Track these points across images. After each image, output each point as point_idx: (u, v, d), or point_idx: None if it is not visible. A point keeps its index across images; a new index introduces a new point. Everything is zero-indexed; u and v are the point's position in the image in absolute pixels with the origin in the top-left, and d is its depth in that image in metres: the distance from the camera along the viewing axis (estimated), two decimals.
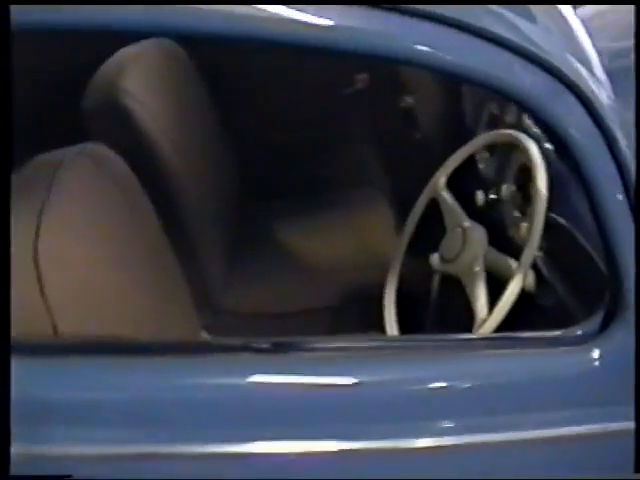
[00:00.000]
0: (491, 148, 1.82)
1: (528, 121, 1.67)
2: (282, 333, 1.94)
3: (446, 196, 1.72)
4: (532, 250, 1.36)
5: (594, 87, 1.04)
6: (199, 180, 1.95)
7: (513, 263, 1.51)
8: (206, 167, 2.06)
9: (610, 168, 1.04)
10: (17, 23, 0.84)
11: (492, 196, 1.77)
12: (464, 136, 2.26)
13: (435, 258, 1.77)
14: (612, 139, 1.03)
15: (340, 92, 2.30)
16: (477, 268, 1.50)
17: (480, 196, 1.77)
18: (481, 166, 1.88)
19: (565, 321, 1.33)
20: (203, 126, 2.11)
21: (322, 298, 2.06)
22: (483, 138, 1.69)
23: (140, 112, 1.76)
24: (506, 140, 1.61)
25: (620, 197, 1.06)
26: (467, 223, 1.59)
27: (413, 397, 1.10)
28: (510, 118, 1.74)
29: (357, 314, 2.04)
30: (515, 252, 1.55)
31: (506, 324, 1.39)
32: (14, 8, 0.84)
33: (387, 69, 2.30)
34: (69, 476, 0.84)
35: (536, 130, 1.64)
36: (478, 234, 1.55)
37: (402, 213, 2.27)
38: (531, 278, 1.50)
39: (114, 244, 1.30)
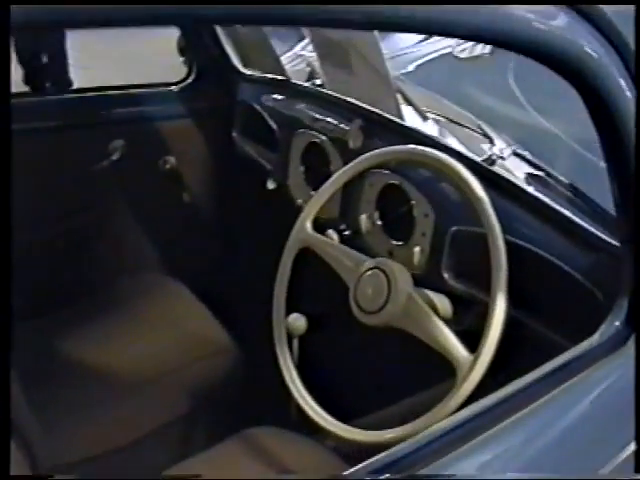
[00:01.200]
0: None
1: (379, 142, 1.51)
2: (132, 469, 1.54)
3: (326, 241, 1.47)
4: (504, 271, 1.17)
5: None
6: None
7: (438, 297, 1.33)
8: None
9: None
10: None
11: (347, 232, 1.57)
12: (244, 183, 2.05)
13: (295, 319, 1.52)
14: None
15: (94, 167, 1.90)
16: (420, 309, 1.27)
17: (333, 235, 1.56)
18: None
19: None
20: None
21: (162, 412, 1.66)
22: (360, 163, 1.46)
23: None
24: (406, 158, 1.40)
25: None
26: (380, 263, 1.35)
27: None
28: (355, 143, 1.55)
29: (217, 414, 1.68)
30: (427, 284, 1.37)
31: None
32: None
33: (143, 130, 1.97)
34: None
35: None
36: (402, 271, 1.32)
37: (198, 289, 1.97)
38: (447, 304, 1.35)
39: None
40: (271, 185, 1.94)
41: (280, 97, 1.87)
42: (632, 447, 1.00)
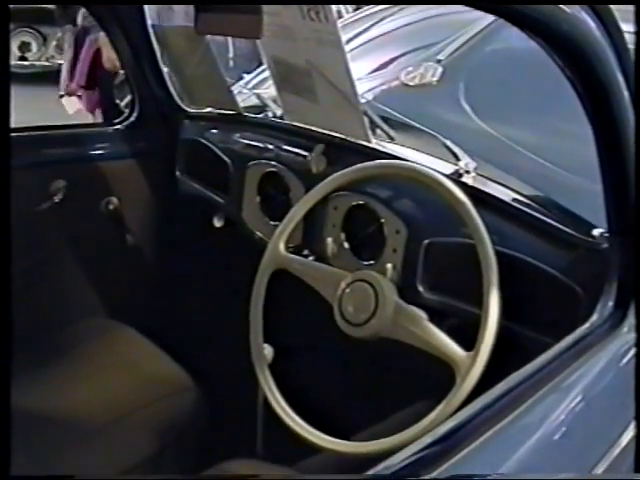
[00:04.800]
0: None
1: (344, 165, 1.53)
2: None
3: (302, 260, 1.48)
4: (494, 266, 1.21)
5: None
6: None
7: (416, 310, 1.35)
8: None
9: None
10: None
11: (311, 258, 1.58)
12: (189, 222, 2.04)
13: (269, 350, 1.51)
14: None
15: (36, 209, 1.85)
16: (409, 315, 1.29)
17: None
18: None
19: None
20: None
21: (130, 453, 1.59)
22: (331, 182, 1.48)
23: None
24: (381, 173, 1.43)
25: None
26: (363, 275, 1.37)
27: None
28: (319, 167, 1.57)
29: (185, 452, 1.63)
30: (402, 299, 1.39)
31: None
32: None
33: (85, 171, 1.93)
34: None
35: None
36: (386, 280, 1.35)
37: (146, 331, 1.93)
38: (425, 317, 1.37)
39: None
40: (218, 222, 1.94)
41: (229, 131, 1.89)
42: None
